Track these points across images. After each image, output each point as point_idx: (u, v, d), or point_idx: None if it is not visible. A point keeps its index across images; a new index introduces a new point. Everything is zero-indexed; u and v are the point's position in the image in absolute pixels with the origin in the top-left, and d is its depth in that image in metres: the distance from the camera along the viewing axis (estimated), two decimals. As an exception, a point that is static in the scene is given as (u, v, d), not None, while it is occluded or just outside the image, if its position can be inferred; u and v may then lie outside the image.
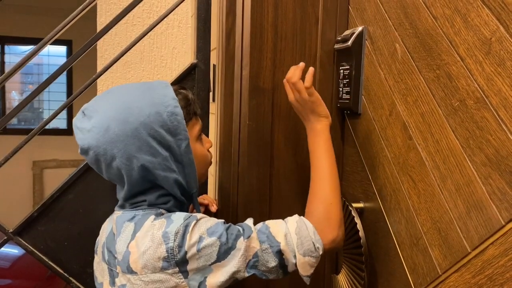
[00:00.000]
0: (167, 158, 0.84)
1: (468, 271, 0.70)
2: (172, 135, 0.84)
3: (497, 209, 0.64)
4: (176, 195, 0.88)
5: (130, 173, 0.83)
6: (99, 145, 0.81)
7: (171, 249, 0.78)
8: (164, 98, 0.84)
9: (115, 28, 1.30)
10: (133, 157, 0.81)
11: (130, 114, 0.81)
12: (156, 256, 0.78)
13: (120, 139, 0.80)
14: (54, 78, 1.18)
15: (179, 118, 0.84)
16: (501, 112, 0.63)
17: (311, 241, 0.82)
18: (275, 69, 1.09)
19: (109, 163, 0.83)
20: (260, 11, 1.07)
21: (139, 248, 0.79)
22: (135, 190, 0.86)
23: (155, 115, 0.82)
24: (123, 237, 0.83)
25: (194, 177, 0.90)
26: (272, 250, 0.81)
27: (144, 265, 0.79)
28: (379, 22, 0.97)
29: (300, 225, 0.84)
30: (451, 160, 0.74)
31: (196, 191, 0.92)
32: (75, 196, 1.13)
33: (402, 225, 0.88)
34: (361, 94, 1.04)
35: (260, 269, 0.82)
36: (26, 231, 1.13)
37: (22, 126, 5.47)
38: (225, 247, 0.79)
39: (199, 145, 0.93)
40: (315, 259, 0.83)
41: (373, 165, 1.00)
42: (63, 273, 1.15)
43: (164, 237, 0.78)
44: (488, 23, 0.66)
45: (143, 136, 0.81)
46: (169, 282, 0.78)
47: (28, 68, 5.32)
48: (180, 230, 0.79)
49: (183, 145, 0.85)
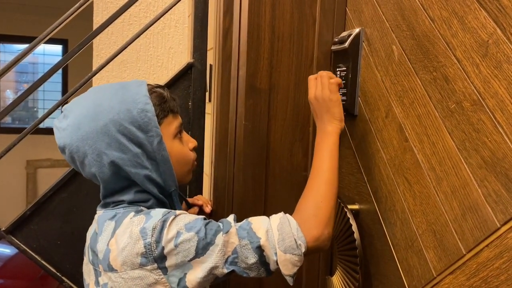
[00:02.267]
0: (138, 155, 0.84)
1: (463, 274, 0.70)
2: (143, 131, 0.84)
3: (493, 211, 0.64)
4: (152, 192, 0.88)
5: (102, 170, 0.84)
6: (72, 143, 0.83)
7: (148, 245, 0.77)
8: (136, 95, 0.85)
9: (111, 27, 1.29)
10: (103, 153, 0.83)
11: (100, 111, 0.83)
12: (134, 252, 0.78)
13: (90, 136, 0.82)
14: (48, 76, 1.17)
15: (149, 115, 0.84)
16: (498, 114, 0.64)
17: (293, 237, 0.80)
18: (272, 70, 1.09)
19: (82, 160, 0.85)
20: (257, 12, 1.06)
21: (118, 245, 0.79)
22: (110, 187, 0.87)
23: (125, 112, 0.83)
24: (104, 236, 0.83)
25: (170, 175, 0.89)
26: (252, 246, 0.79)
27: (123, 262, 0.78)
28: (376, 24, 0.97)
29: (283, 221, 0.82)
30: (447, 162, 0.74)
31: (174, 189, 0.91)
32: (68, 195, 1.12)
33: (397, 227, 0.88)
34: (357, 96, 1.04)
35: (240, 266, 0.80)
36: (19, 230, 1.12)
37: (16, 125, 5.44)
38: (203, 242, 0.78)
39: (177, 143, 0.92)
40: (297, 258, 0.80)
41: (369, 167, 1.00)
42: (55, 272, 1.14)
43: (141, 233, 0.78)
44: (485, 26, 0.66)
45: (112, 133, 0.82)
46: (149, 278, 0.78)
47: (23, 67, 5.29)
48: (158, 226, 0.78)
49: (155, 141, 0.85)
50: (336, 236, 1.10)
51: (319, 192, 0.86)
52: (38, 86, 1.17)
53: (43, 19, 4.09)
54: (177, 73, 1.19)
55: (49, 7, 4.56)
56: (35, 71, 5.42)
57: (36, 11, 4.74)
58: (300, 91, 1.11)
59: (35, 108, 5.53)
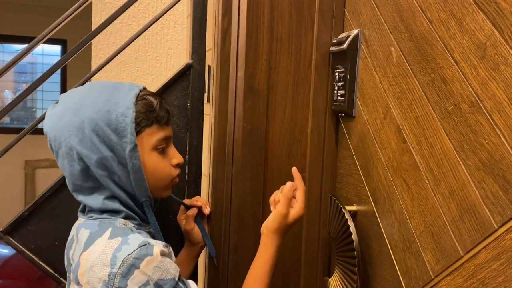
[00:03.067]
0: (107, 158, 0.83)
1: (461, 275, 0.70)
2: (118, 136, 0.83)
3: (490, 213, 0.64)
4: (121, 197, 0.86)
5: (72, 164, 0.84)
6: (52, 131, 0.84)
7: (113, 275, 0.76)
8: (121, 98, 0.84)
9: (110, 27, 1.29)
10: (74, 148, 0.83)
11: (82, 106, 0.83)
12: (98, 276, 0.77)
13: (67, 128, 0.83)
14: (47, 77, 1.17)
15: (127, 120, 0.83)
16: (495, 116, 0.64)
17: None
18: (271, 71, 1.09)
19: (57, 150, 0.85)
20: (256, 13, 1.07)
21: (87, 262, 0.79)
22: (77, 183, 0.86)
23: (104, 112, 0.82)
24: (78, 246, 0.83)
25: (142, 185, 0.87)
26: None
27: (87, 281, 0.78)
28: (374, 25, 0.97)
29: None
30: (444, 164, 0.74)
31: (146, 200, 0.89)
32: (67, 195, 1.12)
33: (395, 228, 0.88)
34: (355, 97, 1.04)
35: None
36: (17, 231, 1.11)
37: (15, 125, 5.43)
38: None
39: (155, 155, 0.89)
40: None
41: (367, 168, 1.00)
42: (53, 273, 1.14)
43: (111, 261, 0.77)
44: (483, 28, 0.66)
45: (86, 131, 0.82)
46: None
47: (22, 67, 5.29)
48: (129, 261, 0.76)
49: (128, 148, 0.83)
50: (334, 237, 1.10)
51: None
52: (37, 87, 1.17)
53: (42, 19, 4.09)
54: (175, 74, 1.19)
55: (47, 7, 4.56)
56: (34, 71, 5.42)
57: (34, 11, 4.74)
58: (298, 93, 1.11)
59: (33, 108, 5.52)
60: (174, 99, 1.18)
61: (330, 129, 1.14)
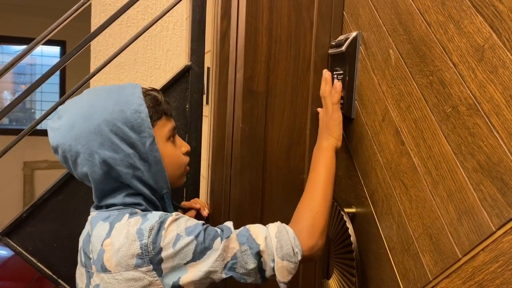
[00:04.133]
0: (130, 155, 0.85)
1: (459, 277, 0.70)
2: (136, 132, 0.85)
3: (488, 215, 0.64)
4: (144, 193, 0.88)
5: (93, 169, 0.84)
6: (65, 142, 0.84)
7: (145, 246, 0.77)
8: (130, 97, 0.86)
9: (109, 29, 1.29)
10: (95, 152, 0.83)
11: (94, 111, 0.84)
12: (130, 253, 0.78)
13: (83, 135, 0.83)
14: (46, 78, 1.17)
15: (143, 116, 0.85)
16: (493, 118, 0.64)
17: (291, 245, 0.82)
18: (269, 73, 1.09)
19: (74, 159, 0.85)
20: (255, 15, 1.07)
21: (114, 246, 0.79)
22: (100, 188, 0.87)
23: (118, 113, 0.84)
24: (97, 236, 0.83)
25: (163, 177, 0.90)
26: (252, 252, 0.81)
27: (118, 263, 0.78)
28: (373, 27, 0.97)
29: (281, 230, 0.84)
30: (443, 166, 0.74)
31: (166, 192, 0.92)
32: (65, 197, 1.12)
33: (393, 230, 0.88)
34: (354, 99, 1.05)
35: (239, 272, 0.81)
36: (15, 232, 1.11)
37: (13, 126, 5.43)
38: (201, 246, 0.79)
39: (170, 145, 0.93)
40: (293, 265, 0.82)
41: (366, 170, 1.00)
42: (51, 275, 1.13)
43: (138, 234, 0.78)
44: (481, 30, 0.66)
45: (105, 133, 0.83)
46: (143, 280, 0.78)
47: (21, 68, 5.28)
48: (155, 227, 0.79)
49: (148, 142, 0.86)
50: (333, 239, 1.10)
51: (314, 204, 0.89)
52: (36, 88, 1.17)
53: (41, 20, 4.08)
54: (174, 76, 1.19)
55: (46, 8, 4.56)
56: (33, 72, 5.41)
57: (34, 12, 4.74)
58: (297, 94, 1.11)
59: (32, 110, 5.52)
60: (173, 100, 1.18)
61: (329, 131, 1.14)
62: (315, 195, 0.90)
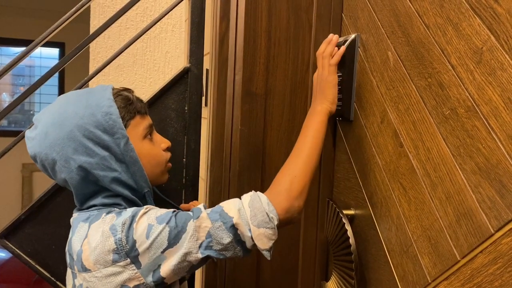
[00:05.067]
0: (106, 158, 0.85)
1: (458, 279, 0.70)
2: (108, 134, 0.85)
3: (487, 217, 0.64)
4: (123, 194, 0.88)
5: (71, 176, 0.85)
6: (41, 150, 0.85)
7: (119, 240, 0.78)
8: (99, 99, 0.87)
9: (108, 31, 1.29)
10: (70, 158, 0.84)
11: (65, 118, 0.84)
12: (105, 249, 0.78)
13: (57, 142, 0.84)
14: (45, 80, 1.17)
15: (114, 117, 0.85)
16: (492, 121, 0.64)
17: (265, 211, 0.81)
18: (268, 75, 1.09)
19: (52, 167, 0.86)
20: (254, 17, 1.07)
21: (90, 245, 0.80)
22: (80, 193, 0.88)
23: (89, 116, 0.84)
24: (77, 237, 0.84)
25: (142, 176, 0.89)
26: (226, 226, 0.80)
27: (96, 261, 0.79)
28: (372, 30, 0.98)
29: (254, 198, 0.83)
30: (441, 168, 0.74)
31: (148, 191, 0.92)
32: (63, 199, 1.12)
33: (392, 232, 0.88)
34: (353, 101, 1.05)
35: (215, 249, 0.80)
36: (13, 234, 1.11)
37: (12, 128, 5.42)
38: (175, 231, 0.79)
39: (147, 143, 0.92)
40: (271, 230, 0.81)
41: (364, 172, 1.00)
42: (50, 277, 1.13)
43: (111, 230, 0.79)
44: (480, 33, 0.66)
45: (78, 138, 0.83)
46: (122, 275, 0.78)
47: (20, 70, 5.28)
48: (127, 221, 0.79)
49: (122, 143, 0.86)
50: (332, 241, 1.10)
51: (295, 168, 0.87)
52: (35, 90, 1.17)
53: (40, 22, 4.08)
54: (173, 78, 1.19)
55: (45, 10, 4.56)
56: (32, 74, 5.41)
57: (32, 14, 4.74)
58: (296, 96, 1.11)
59: (31, 111, 5.51)
60: (172, 102, 1.18)
61: (328, 133, 1.14)
62: (297, 160, 0.88)
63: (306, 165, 0.87)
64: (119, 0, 1.82)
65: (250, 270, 1.13)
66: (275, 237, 0.82)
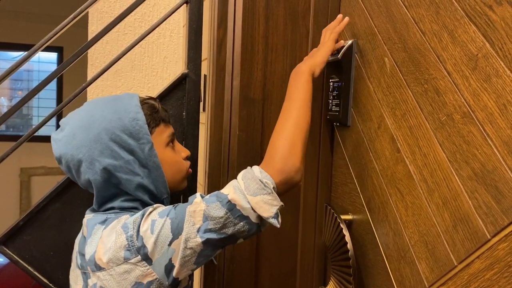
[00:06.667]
0: (130, 162, 0.87)
1: (455, 285, 0.70)
2: (134, 139, 0.87)
3: (483, 223, 0.65)
4: (143, 199, 0.90)
5: (95, 177, 0.87)
6: (67, 152, 0.87)
7: (130, 237, 0.80)
8: (127, 106, 0.89)
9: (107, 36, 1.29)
10: (95, 160, 0.86)
11: (93, 121, 0.87)
12: (117, 246, 0.80)
13: (84, 144, 0.86)
14: (44, 85, 1.17)
15: (140, 123, 0.88)
16: (487, 127, 0.64)
17: (258, 179, 0.78)
18: (266, 80, 1.10)
19: (77, 168, 0.88)
20: (251, 23, 1.07)
21: (105, 244, 0.82)
22: (101, 194, 0.90)
23: (116, 121, 0.87)
24: (94, 238, 0.85)
25: (162, 182, 0.92)
26: (222, 204, 0.78)
27: (109, 259, 0.80)
28: (368, 36, 0.98)
29: (246, 170, 0.82)
30: (438, 174, 0.75)
31: (166, 197, 0.94)
32: (62, 205, 1.12)
33: (390, 237, 0.88)
34: (350, 107, 1.05)
35: (214, 229, 0.78)
36: (11, 240, 1.11)
37: (10, 132, 5.41)
38: (175, 221, 0.79)
39: (169, 151, 0.95)
40: (269, 196, 0.78)
41: (362, 177, 1.00)
42: (48, 283, 1.13)
43: (124, 228, 0.81)
44: (475, 40, 0.67)
45: (104, 141, 0.86)
46: (135, 271, 0.79)
47: (18, 74, 5.27)
48: (138, 219, 0.81)
49: (146, 148, 0.88)
50: (330, 246, 1.10)
51: (285, 132, 0.84)
52: (33, 96, 1.17)
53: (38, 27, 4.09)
54: (171, 83, 1.19)
55: (44, 14, 4.56)
56: (30, 78, 5.40)
57: (30, 19, 4.74)
58: (293, 102, 1.11)
59: (29, 116, 5.50)
60: (170, 108, 1.19)
61: (325, 138, 1.15)
62: (287, 123, 0.85)
63: (297, 127, 0.84)
64: (117, 6, 1.83)
65: (249, 275, 1.13)
66: (277, 202, 0.79)
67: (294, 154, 0.82)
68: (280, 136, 0.84)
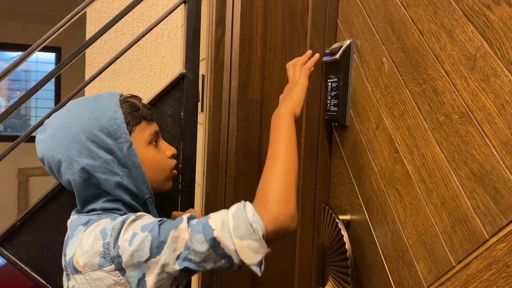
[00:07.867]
0: (109, 161, 0.86)
1: (453, 285, 0.70)
2: (112, 138, 0.87)
3: (481, 223, 0.65)
4: (123, 199, 0.88)
5: (74, 177, 0.87)
6: (48, 152, 0.88)
7: (107, 244, 0.78)
8: (106, 105, 0.89)
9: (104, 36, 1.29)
10: (74, 160, 0.86)
11: (71, 121, 0.87)
12: (93, 252, 0.78)
13: (62, 144, 0.86)
14: (41, 85, 1.17)
15: (118, 122, 0.87)
16: (485, 127, 0.64)
17: (248, 222, 0.74)
18: (264, 80, 1.10)
19: (58, 169, 0.88)
20: (250, 23, 1.07)
21: (83, 247, 0.80)
22: (82, 195, 0.89)
23: (94, 120, 0.86)
24: (75, 240, 0.84)
25: (143, 181, 0.90)
26: (206, 238, 0.74)
27: (85, 263, 0.79)
28: (366, 36, 0.98)
29: (239, 207, 0.77)
30: (436, 174, 0.74)
31: (149, 197, 0.92)
32: (60, 205, 1.11)
33: (388, 238, 0.88)
34: (348, 107, 1.05)
35: (194, 261, 0.76)
36: (9, 241, 1.10)
37: (8, 132, 5.39)
38: (157, 241, 0.76)
39: (152, 149, 0.94)
40: (257, 243, 0.73)
41: (360, 178, 1.00)
42: (45, 284, 1.12)
43: (102, 233, 0.79)
44: (473, 40, 0.67)
45: (82, 140, 0.86)
46: (107, 279, 0.78)
47: (16, 74, 5.26)
48: (117, 226, 0.79)
49: (125, 148, 0.87)
50: (328, 247, 1.10)
51: (275, 174, 0.80)
52: (31, 96, 1.16)
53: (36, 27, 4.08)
54: (169, 83, 1.19)
55: (41, 14, 4.56)
56: (28, 78, 5.39)
57: (28, 19, 4.73)
58: (292, 102, 1.11)
59: (27, 116, 5.49)
60: (168, 108, 1.18)
61: (323, 139, 1.15)
62: (277, 168, 0.81)
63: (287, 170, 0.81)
64: (115, 6, 1.83)
65: (247, 276, 1.13)
66: (264, 250, 0.75)
67: (290, 200, 0.78)
68: (273, 179, 0.79)
